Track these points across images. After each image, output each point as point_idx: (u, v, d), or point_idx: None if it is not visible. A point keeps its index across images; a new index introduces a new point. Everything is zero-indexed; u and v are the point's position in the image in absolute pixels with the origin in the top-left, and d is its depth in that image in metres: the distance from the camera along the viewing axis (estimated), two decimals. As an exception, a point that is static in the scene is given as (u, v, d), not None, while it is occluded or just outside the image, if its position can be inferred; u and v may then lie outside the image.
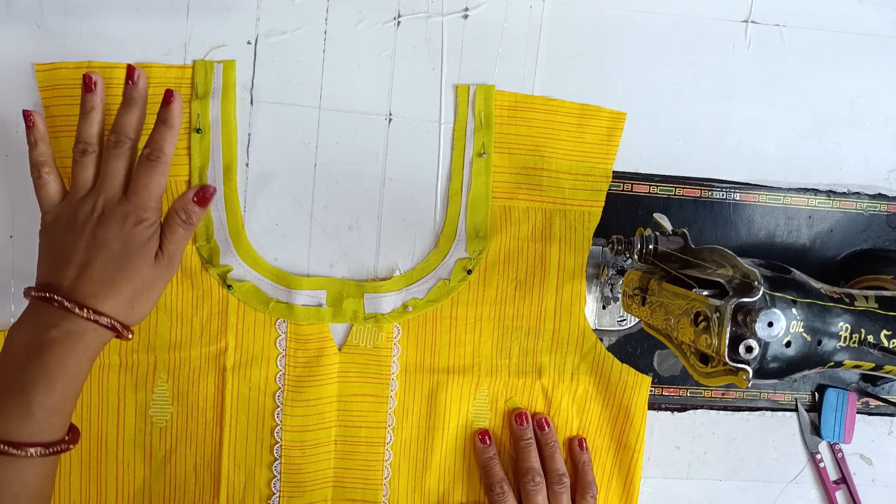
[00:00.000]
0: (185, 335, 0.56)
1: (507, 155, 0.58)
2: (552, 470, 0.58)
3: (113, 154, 0.49)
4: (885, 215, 0.63)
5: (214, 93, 0.56)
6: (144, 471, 0.56)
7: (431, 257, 0.58)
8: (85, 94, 0.51)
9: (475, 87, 0.58)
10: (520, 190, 0.59)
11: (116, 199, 0.49)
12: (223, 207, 0.56)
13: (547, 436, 0.59)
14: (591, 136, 0.59)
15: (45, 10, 0.54)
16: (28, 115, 0.51)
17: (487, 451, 0.59)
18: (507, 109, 0.58)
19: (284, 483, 0.57)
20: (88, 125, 0.51)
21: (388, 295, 0.58)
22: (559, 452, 0.59)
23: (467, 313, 0.58)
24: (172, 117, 0.50)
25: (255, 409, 0.57)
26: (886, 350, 0.46)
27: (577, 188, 0.59)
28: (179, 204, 0.50)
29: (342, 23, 0.57)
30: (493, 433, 0.59)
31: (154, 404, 0.56)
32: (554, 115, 0.59)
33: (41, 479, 0.45)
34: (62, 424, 0.45)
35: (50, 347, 0.44)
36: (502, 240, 0.58)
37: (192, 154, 0.55)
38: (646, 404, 0.61)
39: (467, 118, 0.58)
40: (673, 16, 0.60)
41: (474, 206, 0.58)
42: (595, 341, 0.60)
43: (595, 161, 0.59)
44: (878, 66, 0.62)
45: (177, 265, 0.51)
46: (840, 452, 0.64)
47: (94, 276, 0.47)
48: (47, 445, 0.44)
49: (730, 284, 0.43)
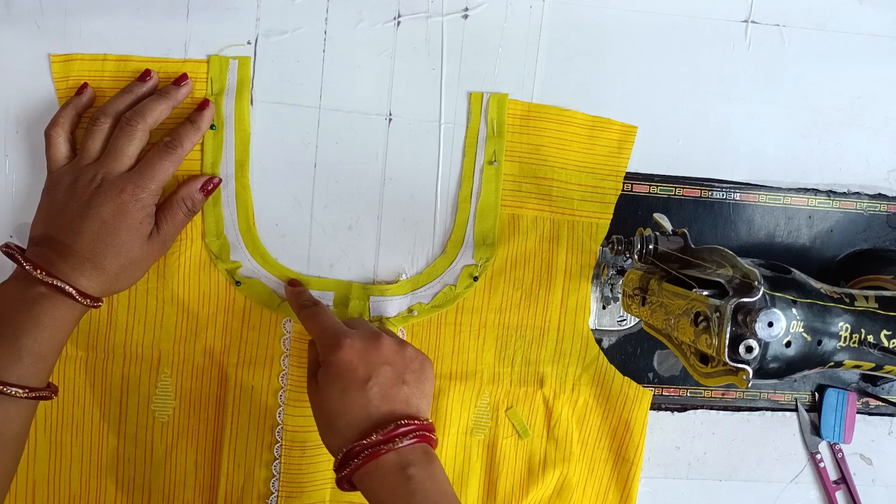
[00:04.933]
0: (191, 330, 0.56)
1: (517, 163, 0.58)
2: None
3: (123, 131, 0.51)
4: (885, 215, 0.63)
5: (229, 90, 0.56)
6: (145, 466, 0.56)
7: (438, 263, 0.58)
8: (136, 81, 0.53)
9: (489, 95, 0.58)
10: (529, 199, 0.58)
11: (116, 174, 0.50)
12: (234, 204, 0.56)
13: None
14: (602, 149, 0.59)
15: (45, 9, 0.54)
16: (84, 86, 0.54)
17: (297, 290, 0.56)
18: (520, 118, 0.58)
19: (283, 483, 0.57)
20: (117, 102, 0.53)
21: (394, 299, 0.58)
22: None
23: (471, 320, 0.58)
24: (202, 120, 0.53)
25: (256, 408, 0.56)
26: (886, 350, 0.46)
27: (585, 199, 0.59)
28: (186, 191, 0.53)
29: (342, 23, 0.57)
30: (492, 444, 0.59)
31: (156, 399, 0.56)
32: (566, 125, 0.59)
33: (22, 422, 0.47)
34: (46, 373, 0.48)
35: (39, 300, 0.47)
36: (509, 248, 0.58)
37: (205, 150, 0.55)
38: (646, 418, 0.60)
39: (479, 125, 0.58)
40: (673, 16, 0.60)
41: (483, 213, 0.58)
42: (598, 353, 0.60)
43: (605, 173, 0.59)
44: (878, 66, 0.62)
45: (170, 246, 0.53)
46: (840, 452, 0.64)
47: (84, 248, 0.49)
48: (32, 390, 0.47)
49: (730, 284, 0.43)
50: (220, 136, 0.55)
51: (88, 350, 0.55)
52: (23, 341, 0.46)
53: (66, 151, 0.52)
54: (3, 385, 0.45)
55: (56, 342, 0.48)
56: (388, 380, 0.48)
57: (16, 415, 0.47)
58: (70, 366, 0.55)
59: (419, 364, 0.50)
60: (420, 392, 0.49)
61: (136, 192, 0.50)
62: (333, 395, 0.47)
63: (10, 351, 0.46)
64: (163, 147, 0.52)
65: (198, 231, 0.55)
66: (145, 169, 0.51)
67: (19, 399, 0.46)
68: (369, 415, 0.46)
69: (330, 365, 0.48)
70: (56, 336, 0.48)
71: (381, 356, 0.48)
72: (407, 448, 0.45)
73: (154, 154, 0.51)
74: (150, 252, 0.51)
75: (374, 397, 0.47)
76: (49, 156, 0.52)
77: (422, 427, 0.46)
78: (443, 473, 0.46)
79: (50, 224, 0.50)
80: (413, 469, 0.44)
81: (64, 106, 0.53)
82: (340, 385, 0.47)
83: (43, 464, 0.55)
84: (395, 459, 0.45)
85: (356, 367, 0.47)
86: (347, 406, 0.47)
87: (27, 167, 0.55)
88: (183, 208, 0.53)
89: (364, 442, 0.45)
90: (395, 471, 0.44)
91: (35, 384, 0.47)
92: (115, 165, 0.50)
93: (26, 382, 0.46)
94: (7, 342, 0.46)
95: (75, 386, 0.55)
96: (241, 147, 0.56)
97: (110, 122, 0.52)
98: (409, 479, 0.44)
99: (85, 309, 0.49)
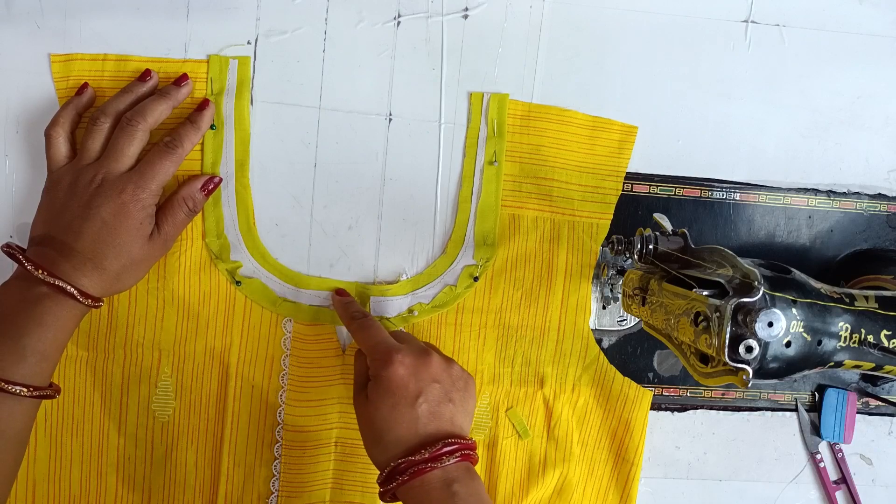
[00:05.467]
0: (191, 330, 0.56)
1: (517, 164, 0.58)
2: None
3: (124, 132, 0.51)
4: (885, 215, 0.63)
5: (229, 90, 0.56)
6: (145, 465, 0.56)
7: (438, 263, 0.58)
8: (136, 81, 0.53)
9: (489, 95, 0.58)
10: (529, 199, 0.58)
11: (116, 174, 0.50)
12: (234, 204, 0.56)
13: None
14: (602, 149, 0.59)
15: (45, 9, 0.54)
16: (85, 86, 0.53)
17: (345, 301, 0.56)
18: (520, 118, 0.58)
19: (283, 482, 0.57)
20: (115, 102, 0.53)
21: (395, 299, 0.58)
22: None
23: (472, 320, 0.58)
24: (202, 120, 0.54)
25: (257, 408, 0.56)
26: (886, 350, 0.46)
27: (586, 199, 0.59)
28: (187, 192, 0.53)
29: (342, 23, 0.57)
30: (492, 444, 0.59)
31: (157, 399, 0.56)
32: (567, 125, 0.59)
33: (25, 421, 0.48)
34: (48, 372, 0.48)
35: (41, 300, 0.47)
36: (510, 248, 0.58)
37: (205, 150, 0.55)
38: (646, 418, 0.61)
39: (480, 126, 0.58)
40: (673, 16, 0.60)
41: (483, 213, 0.58)
42: (598, 354, 0.60)
43: (605, 173, 0.59)
44: (878, 66, 0.62)
45: (170, 246, 0.54)
46: (840, 452, 0.64)
47: (85, 249, 0.49)
48: (36, 389, 0.47)
49: (730, 284, 0.43)
50: (220, 136, 0.55)
51: (89, 350, 0.55)
52: (26, 340, 0.46)
53: (67, 151, 0.52)
54: (8, 384, 0.45)
55: (59, 342, 0.48)
56: (437, 398, 0.49)
57: (20, 414, 0.47)
58: (71, 365, 0.55)
59: (464, 382, 0.51)
60: (464, 410, 0.50)
61: (136, 193, 0.50)
62: (383, 411, 0.48)
63: (13, 350, 0.46)
64: (163, 147, 0.52)
65: (198, 231, 0.55)
66: (146, 169, 0.51)
67: (23, 398, 0.46)
68: (417, 432, 0.48)
69: (381, 380, 0.49)
70: (59, 336, 0.48)
71: (431, 373, 0.49)
72: (451, 466, 0.47)
73: (154, 154, 0.52)
74: (150, 252, 0.51)
75: (423, 415, 0.48)
76: (49, 155, 0.52)
77: (466, 446, 0.48)
78: (484, 489, 0.47)
79: (50, 224, 0.50)
80: (457, 486, 0.46)
81: (64, 106, 0.53)
82: (391, 401, 0.48)
83: (43, 464, 0.55)
84: (441, 476, 0.46)
85: (407, 384, 0.48)
86: (396, 422, 0.48)
87: (27, 167, 0.55)
88: (184, 208, 0.53)
89: (412, 459, 0.46)
90: (440, 487, 0.46)
91: (38, 383, 0.47)
92: (116, 165, 0.51)
93: (30, 381, 0.47)
94: (10, 341, 0.46)
95: (76, 386, 0.55)
96: (241, 147, 0.56)
97: (110, 121, 0.52)
98: (454, 496, 0.45)
99: (86, 309, 0.49)
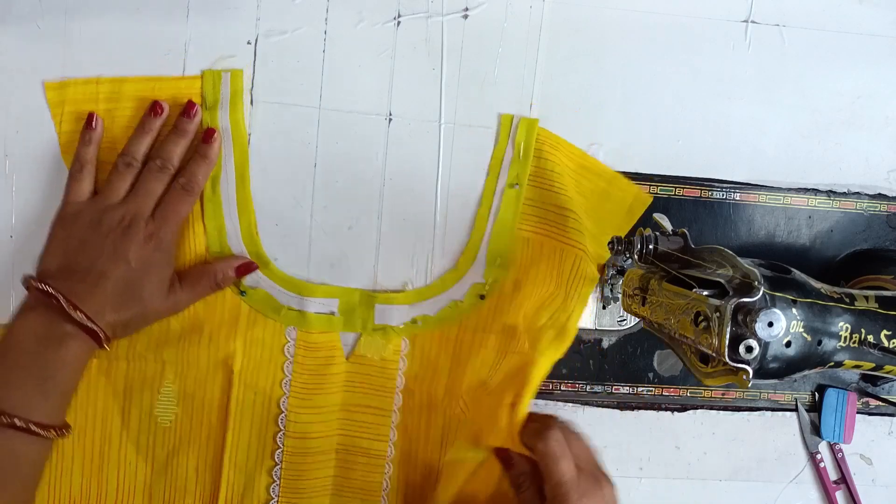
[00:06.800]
0: (195, 339, 0.56)
1: (538, 189, 0.58)
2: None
3: (155, 176, 0.53)
4: (885, 215, 0.63)
5: (223, 102, 0.56)
6: (146, 471, 0.56)
7: (447, 277, 0.58)
8: (150, 116, 0.54)
9: (518, 118, 0.58)
10: (545, 226, 0.58)
11: (144, 218, 0.52)
12: (236, 215, 0.56)
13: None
14: (613, 206, 0.59)
15: (46, 11, 0.54)
16: (92, 116, 0.54)
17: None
18: (547, 146, 0.58)
19: (283, 489, 0.57)
20: (140, 143, 0.54)
21: (399, 308, 0.58)
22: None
23: (473, 339, 0.58)
24: (212, 153, 0.54)
25: (259, 414, 0.56)
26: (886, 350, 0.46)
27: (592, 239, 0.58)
28: (222, 267, 0.54)
29: (342, 23, 0.57)
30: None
31: (159, 404, 0.56)
32: (587, 171, 0.59)
33: (43, 459, 0.49)
34: (65, 410, 0.50)
35: (66, 340, 0.48)
36: (519, 272, 0.58)
37: None
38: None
39: (507, 147, 0.58)
40: (673, 16, 0.60)
41: (499, 234, 0.58)
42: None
43: (610, 229, 0.59)
44: (878, 66, 0.62)
45: (180, 310, 0.55)
46: (840, 452, 0.64)
47: (108, 291, 0.50)
48: (57, 429, 0.48)
49: (730, 284, 0.43)
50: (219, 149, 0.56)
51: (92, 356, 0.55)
52: (51, 383, 0.48)
53: (90, 187, 0.53)
54: (37, 426, 0.46)
55: (77, 381, 0.50)
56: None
57: (37, 453, 0.48)
58: None
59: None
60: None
61: (161, 240, 0.52)
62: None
63: (39, 391, 0.47)
64: (181, 191, 0.53)
65: (202, 241, 0.55)
66: (169, 214, 0.52)
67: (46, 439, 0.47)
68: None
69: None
70: (79, 376, 0.50)
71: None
72: None
73: (174, 197, 0.53)
74: (165, 309, 0.53)
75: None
76: (71, 188, 0.53)
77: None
78: None
79: (70, 258, 0.51)
80: None
81: (87, 142, 0.53)
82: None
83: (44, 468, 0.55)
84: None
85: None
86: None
87: (27, 167, 0.55)
88: (211, 280, 0.54)
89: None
90: None
91: (58, 423, 0.49)
92: (144, 208, 0.52)
93: (51, 421, 0.48)
94: (35, 381, 0.47)
95: (78, 391, 0.55)
96: (240, 158, 0.56)
97: (140, 165, 0.53)
98: None
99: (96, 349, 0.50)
